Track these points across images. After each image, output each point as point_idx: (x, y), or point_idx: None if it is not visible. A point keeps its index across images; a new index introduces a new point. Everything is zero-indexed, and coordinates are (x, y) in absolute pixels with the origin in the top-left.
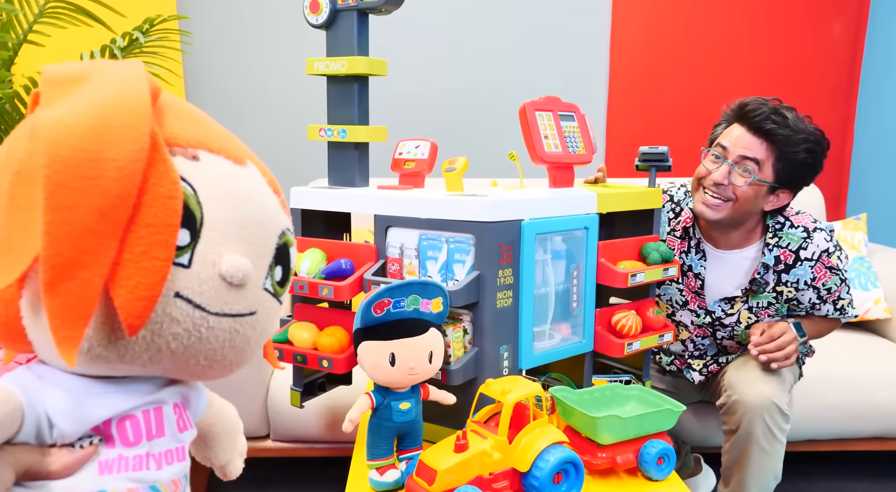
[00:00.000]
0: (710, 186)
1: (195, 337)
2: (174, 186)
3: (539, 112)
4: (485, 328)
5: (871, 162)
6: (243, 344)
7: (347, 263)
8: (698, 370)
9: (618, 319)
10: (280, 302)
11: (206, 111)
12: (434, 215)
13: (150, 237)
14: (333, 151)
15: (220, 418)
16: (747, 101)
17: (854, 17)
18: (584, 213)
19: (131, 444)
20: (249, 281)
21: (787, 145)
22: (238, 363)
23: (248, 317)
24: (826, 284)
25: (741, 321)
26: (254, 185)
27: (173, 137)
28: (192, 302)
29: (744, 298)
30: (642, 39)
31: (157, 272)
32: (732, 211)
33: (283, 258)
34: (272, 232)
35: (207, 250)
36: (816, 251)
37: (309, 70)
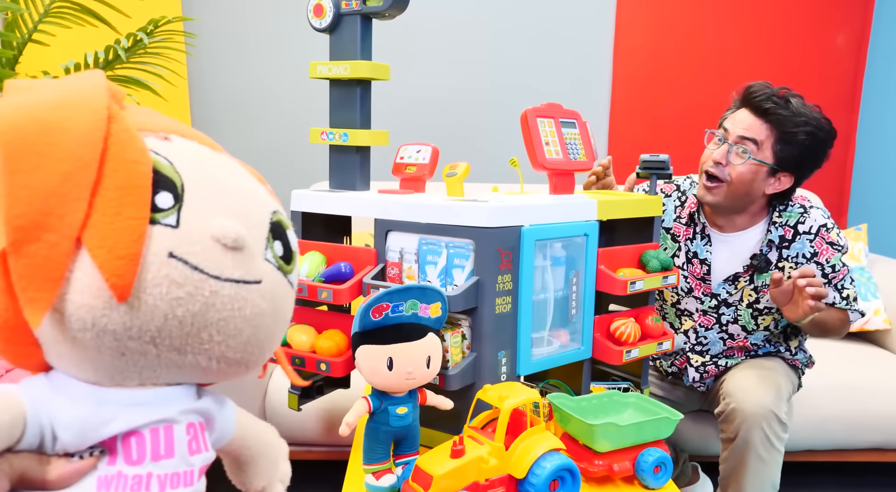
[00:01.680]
0: (710, 167)
1: (200, 302)
2: (141, 152)
3: (540, 118)
4: (483, 334)
5: (872, 172)
6: (257, 317)
7: (347, 266)
8: (696, 367)
9: (617, 326)
10: (291, 284)
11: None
12: (434, 220)
13: (120, 199)
14: (335, 154)
15: (255, 440)
16: (752, 85)
17: (858, 28)
18: (584, 220)
19: (134, 462)
20: (245, 245)
21: (785, 126)
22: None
23: (254, 285)
24: (830, 262)
25: (744, 300)
26: (233, 167)
27: (142, 124)
28: (188, 263)
29: (747, 277)
30: (646, 46)
31: (133, 231)
32: (729, 193)
33: (281, 235)
34: (261, 207)
35: (194, 212)
36: (814, 225)
37: (312, 73)
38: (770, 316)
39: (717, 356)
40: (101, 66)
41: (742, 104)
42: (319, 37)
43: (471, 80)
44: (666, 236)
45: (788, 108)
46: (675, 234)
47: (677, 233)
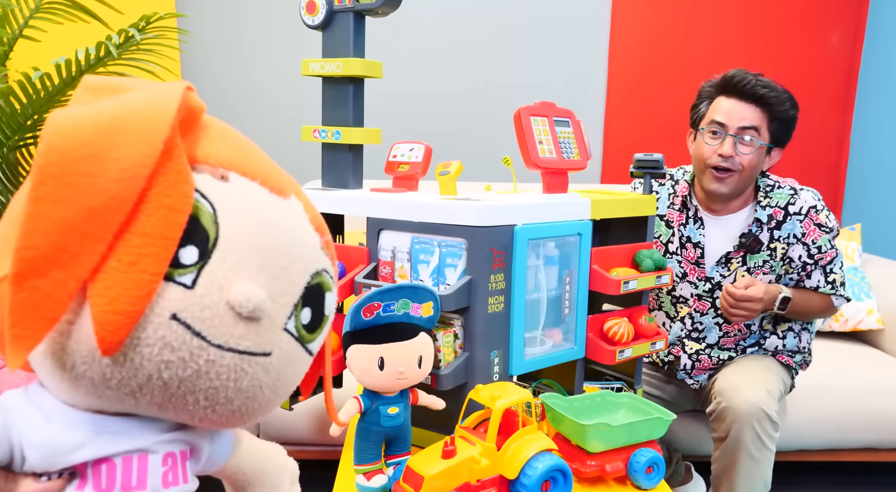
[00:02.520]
0: (718, 162)
1: (192, 369)
2: (183, 198)
3: (534, 117)
4: (476, 333)
5: (866, 173)
6: (253, 389)
7: (339, 265)
8: (689, 354)
9: (610, 325)
10: (309, 352)
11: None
12: (427, 219)
13: (142, 248)
14: (327, 152)
15: (252, 466)
16: (732, 73)
17: (852, 28)
18: (578, 219)
19: (103, 490)
20: (264, 315)
21: (779, 105)
22: (249, 411)
23: (260, 357)
24: (816, 243)
25: (737, 280)
26: (289, 216)
27: (205, 155)
28: (190, 328)
29: (739, 257)
30: (641, 45)
31: (143, 286)
32: (740, 180)
33: (315, 300)
34: (303, 269)
35: (217, 274)
36: (804, 206)
37: (304, 71)
38: None
39: (712, 346)
40: (92, 62)
41: (725, 93)
42: (313, 34)
43: (464, 79)
44: (660, 224)
45: (774, 88)
46: (669, 220)
47: (671, 219)
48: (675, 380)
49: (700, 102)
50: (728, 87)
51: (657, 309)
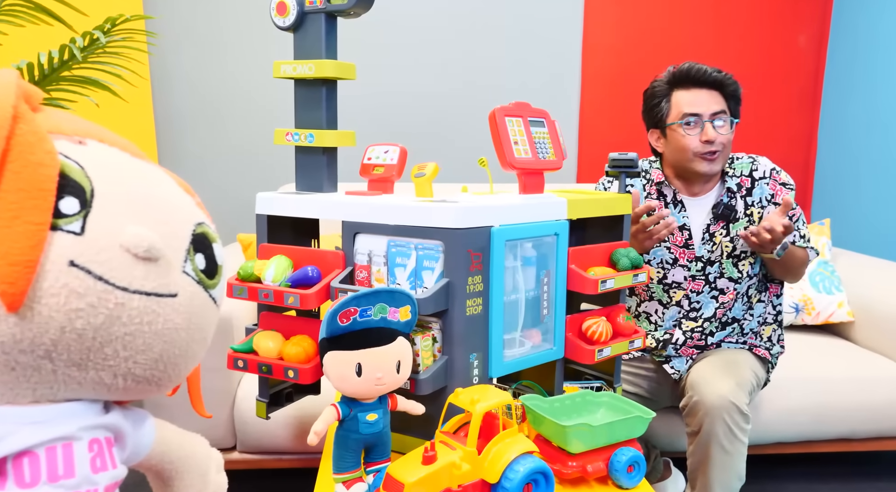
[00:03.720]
0: (705, 148)
1: (103, 315)
2: (48, 155)
3: (509, 118)
4: (454, 336)
5: (834, 168)
6: (170, 332)
7: (314, 270)
8: (684, 331)
9: (588, 325)
10: (213, 299)
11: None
12: (402, 222)
13: (21, 202)
14: (301, 155)
15: (178, 454)
16: (687, 67)
17: (817, 29)
18: (555, 219)
19: (27, 485)
20: (160, 255)
21: (731, 84)
22: (171, 360)
23: (168, 298)
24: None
25: (723, 252)
26: (156, 175)
27: (56, 127)
28: (91, 273)
29: (721, 230)
30: (614, 44)
31: (32, 236)
32: (723, 157)
33: (204, 248)
34: (185, 218)
35: (103, 220)
36: (766, 169)
37: (276, 73)
38: (747, 259)
39: (709, 320)
40: (56, 66)
41: (682, 86)
42: (287, 35)
43: (439, 80)
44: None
45: (722, 71)
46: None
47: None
48: (654, 375)
49: (657, 102)
50: (685, 80)
51: (648, 300)
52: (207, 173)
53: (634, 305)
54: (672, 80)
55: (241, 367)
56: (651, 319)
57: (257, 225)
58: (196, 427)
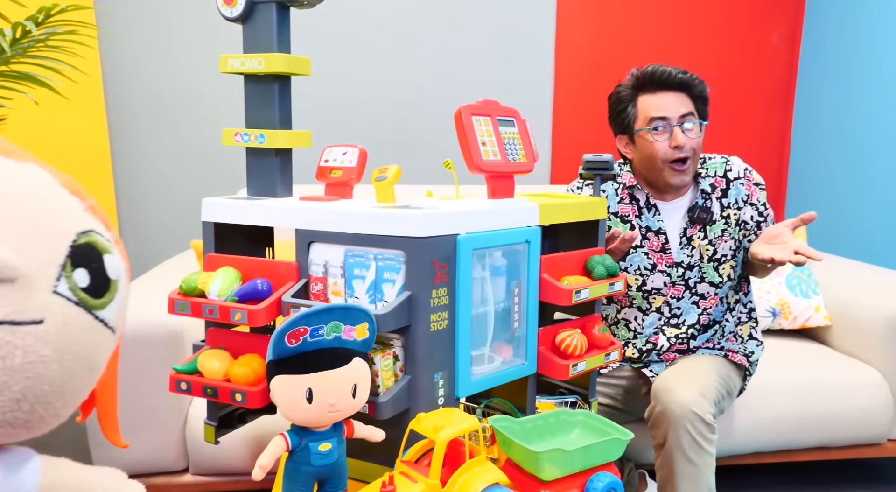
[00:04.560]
0: (675, 154)
1: None
2: None
3: (476, 117)
4: (417, 354)
5: (809, 169)
6: (34, 366)
7: (264, 283)
8: (668, 338)
9: (562, 338)
10: (102, 321)
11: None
12: (361, 230)
13: None
14: (252, 157)
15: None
16: (652, 69)
17: (790, 28)
18: (526, 225)
19: None
20: (15, 275)
21: (698, 85)
22: (39, 398)
23: (29, 326)
24: (760, 199)
25: (703, 256)
26: (30, 177)
27: None
28: None
29: (699, 233)
30: (586, 44)
31: None
32: (693, 164)
33: (88, 261)
34: (63, 227)
35: None
36: (740, 169)
37: (222, 67)
38: (728, 263)
39: (692, 326)
40: None
41: (648, 90)
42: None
43: (404, 77)
44: (616, 221)
45: (688, 72)
46: (624, 215)
47: (625, 214)
48: (628, 384)
49: (623, 107)
50: (650, 83)
51: (628, 306)
52: (164, 175)
53: (614, 312)
54: (637, 84)
55: (184, 389)
56: (630, 327)
57: (204, 233)
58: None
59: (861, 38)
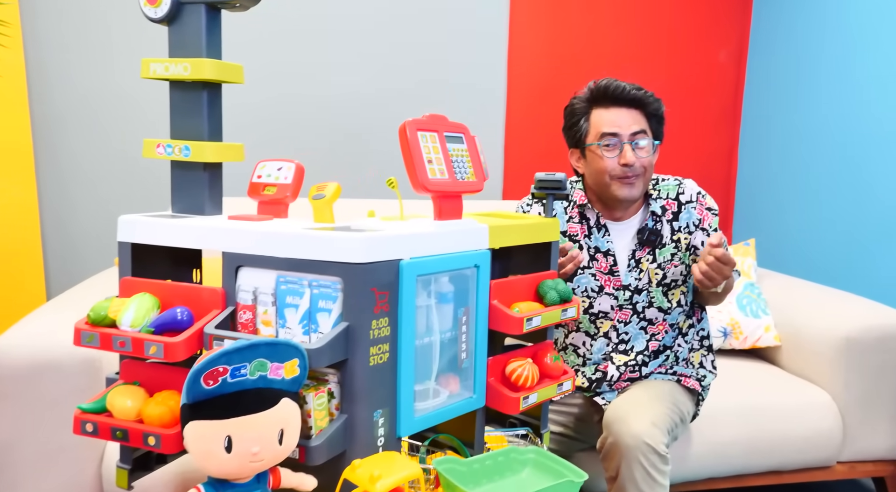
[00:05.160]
0: (623, 172)
1: None
2: None
3: (422, 132)
4: (355, 391)
5: (756, 186)
6: None
7: (184, 312)
8: (617, 366)
9: (513, 368)
10: None
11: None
12: (294, 254)
13: None
14: (178, 171)
15: None
16: (605, 83)
17: (737, 46)
18: (474, 249)
19: None
20: None
21: (652, 104)
22: None
23: None
24: (712, 225)
25: (652, 280)
26: None
27: None
28: None
29: (648, 256)
30: (540, 58)
31: None
32: (644, 181)
33: None
34: None
35: None
36: (693, 193)
37: (144, 72)
38: (678, 289)
39: (640, 352)
40: None
41: (602, 104)
42: None
43: (349, 89)
44: (564, 240)
45: (644, 89)
46: (573, 235)
47: (574, 233)
48: (580, 411)
49: (576, 120)
50: (604, 97)
51: (575, 331)
52: (95, 184)
53: (562, 336)
54: (591, 98)
55: (90, 432)
56: (579, 352)
57: (119, 254)
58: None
59: (806, 57)
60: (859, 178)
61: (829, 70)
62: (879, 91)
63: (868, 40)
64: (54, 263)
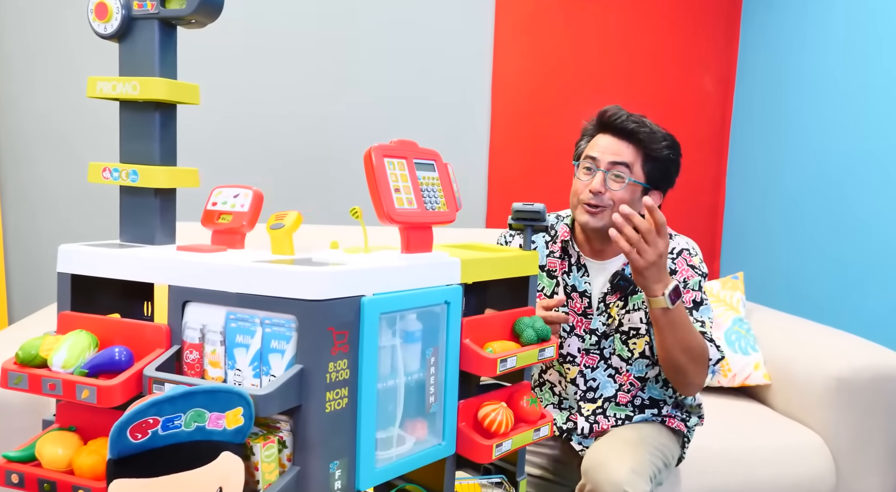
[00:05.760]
0: (588, 198)
1: None
2: None
3: (389, 159)
4: (309, 440)
5: (744, 218)
6: None
7: (123, 352)
8: (586, 416)
9: (486, 413)
10: None
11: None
12: (245, 289)
13: None
14: (127, 197)
15: None
16: (607, 109)
17: (724, 72)
18: (445, 284)
19: None
20: None
21: (651, 143)
22: None
23: None
24: (688, 283)
25: (622, 324)
26: None
27: None
28: None
29: (619, 303)
30: (524, 83)
31: None
32: (612, 216)
33: None
34: None
35: None
36: (677, 248)
37: (90, 91)
38: (641, 338)
39: (609, 400)
40: None
41: (600, 130)
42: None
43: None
44: (542, 275)
45: (646, 125)
46: (551, 269)
47: (552, 268)
48: (559, 453)
49: (581, 139)
50: (603, 124)
51: (550, 366)
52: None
53: (537, 372)
54: (597, 122)
55: (15, 483)
56: (555, 390)
57: (59, 287)
58: None
59: (794, 84)
60: (850, 210)
61: (819, 97)
62: (872, 121)
63: (857, 66)
64: (16, 289)
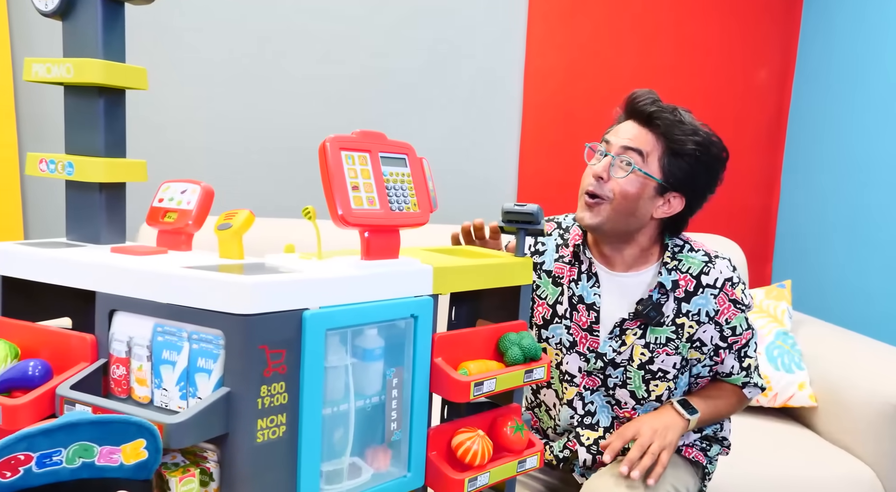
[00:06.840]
0: (589, 184)
1: None
2: None
3: (348, 152)
4: (236, 474)
5: (799, 221)
6: None
7: (38, 366)
8: (587, 447)
9: (460, 441)
10: None
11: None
12: (172, 299)
13: None
14: (72, 192)
15: None
16: (634, 91)
17: (781, 62)
18: (413, 295)
19: None
20: None
21: (673, 133)
22: None
23: None
24: (730, 322)
25: (634, 359)
26: None
27: None
28: None
29: (636, 329)
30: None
31: None
32: (612, 212)
33: None
34: None
35: None
36: (720, 278)
37: (27, 74)
38: (665, 383)
39: (608, 429)
40: None
41: (626, 116)
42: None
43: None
44: (547, 281)
45: (675, 114)
46: (557, 276)
47: (559, 274)
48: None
49: (612, 126)
50: (628, 107)
51: (546, 387)
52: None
53: (531, 392)
54: (623, 107)
55: None
56: (551, 414)
57: None
58: None
59: (860, 78)
60: None
61: (890, 92)
62: None
63: None
64: None
